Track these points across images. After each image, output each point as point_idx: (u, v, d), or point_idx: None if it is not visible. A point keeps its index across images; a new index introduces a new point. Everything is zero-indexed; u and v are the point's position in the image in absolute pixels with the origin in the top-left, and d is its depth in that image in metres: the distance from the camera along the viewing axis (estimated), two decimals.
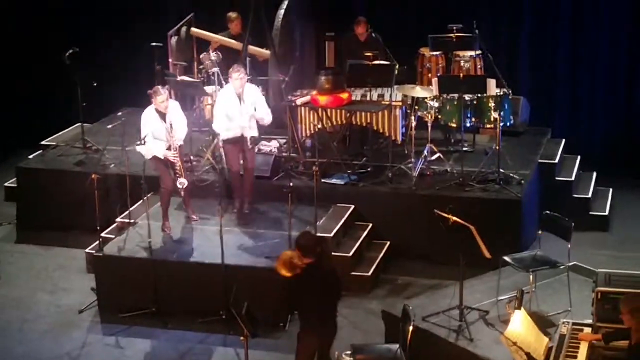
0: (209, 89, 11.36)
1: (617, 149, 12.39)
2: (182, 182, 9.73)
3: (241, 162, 10.20)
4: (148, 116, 9.71)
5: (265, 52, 11.65)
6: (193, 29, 11.86)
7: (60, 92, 12.76)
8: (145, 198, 9.84)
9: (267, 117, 10.15)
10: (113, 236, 10.09)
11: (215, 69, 11.25)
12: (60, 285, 10.09)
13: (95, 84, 11.33)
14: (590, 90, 12.46)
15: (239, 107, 9.92)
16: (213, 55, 11.50)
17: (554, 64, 12.50)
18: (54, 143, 12.11)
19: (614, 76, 12.36)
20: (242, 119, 9.90)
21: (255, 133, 10.13)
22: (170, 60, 11.91)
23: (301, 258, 7.26)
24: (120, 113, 11.97)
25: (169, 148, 9.69)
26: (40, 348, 8.92)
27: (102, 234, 10.05)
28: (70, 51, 11.41)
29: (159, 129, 9.67)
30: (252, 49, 11.66)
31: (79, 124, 11.93)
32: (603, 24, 12.26)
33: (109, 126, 10.92)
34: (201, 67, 11.73)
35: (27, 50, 13.71)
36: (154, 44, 11.68)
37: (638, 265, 9.22)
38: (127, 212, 10.17)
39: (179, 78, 11.49)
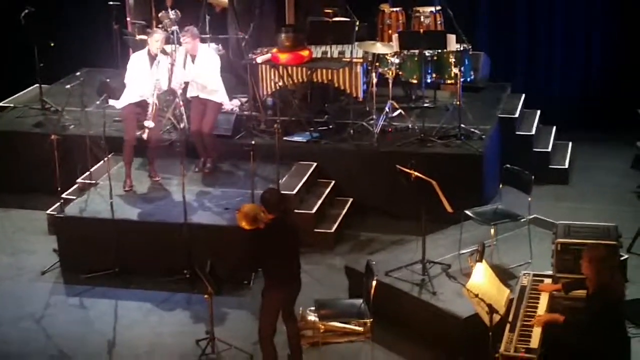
0: (167, 47, 11.23)
1: (576, 103, 12.49)
2: (148, 125, 9.68)
3: None
4: (136, 59, 9.83)
5: (224, 0, 11.52)
6: None
7: (16, 52, 12.57)
8: (106, 158, 9.77)
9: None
10: (74, 197, 10.03)
11: (174, 28, 11.12)
12: (22, 247, 10.00)
13: (52, 44, 11.18)
14: (549, 45, 12.51)
15: (191, 65, 10.09)
16: (172, 14, 11.37)
17: (514, 19, 12.52)
18: (11, 104, 11.96)
19: (571, 30, 12.41)
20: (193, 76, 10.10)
21: (215, 97, 10.17)
22: (128, 19, 11.76)
23: (265, 214, 7.28)
24: (78, 73, 11.77)
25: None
26: (3, 311, 8.85)
27: (63, 195, 9.96)
28: (26, 11, 11.23)
29: (145, 72, 9.69)
30: None
31: (36, 85, 11.78)
32: None
33: (68, 86, 10.78)
34: (160, 26, 11.59)
35: None
36: (111, 2, 11.52)
37: (597, 217, 9.34)
38: (88, 172, 10.10)
39: (137, 37, 11.36)
